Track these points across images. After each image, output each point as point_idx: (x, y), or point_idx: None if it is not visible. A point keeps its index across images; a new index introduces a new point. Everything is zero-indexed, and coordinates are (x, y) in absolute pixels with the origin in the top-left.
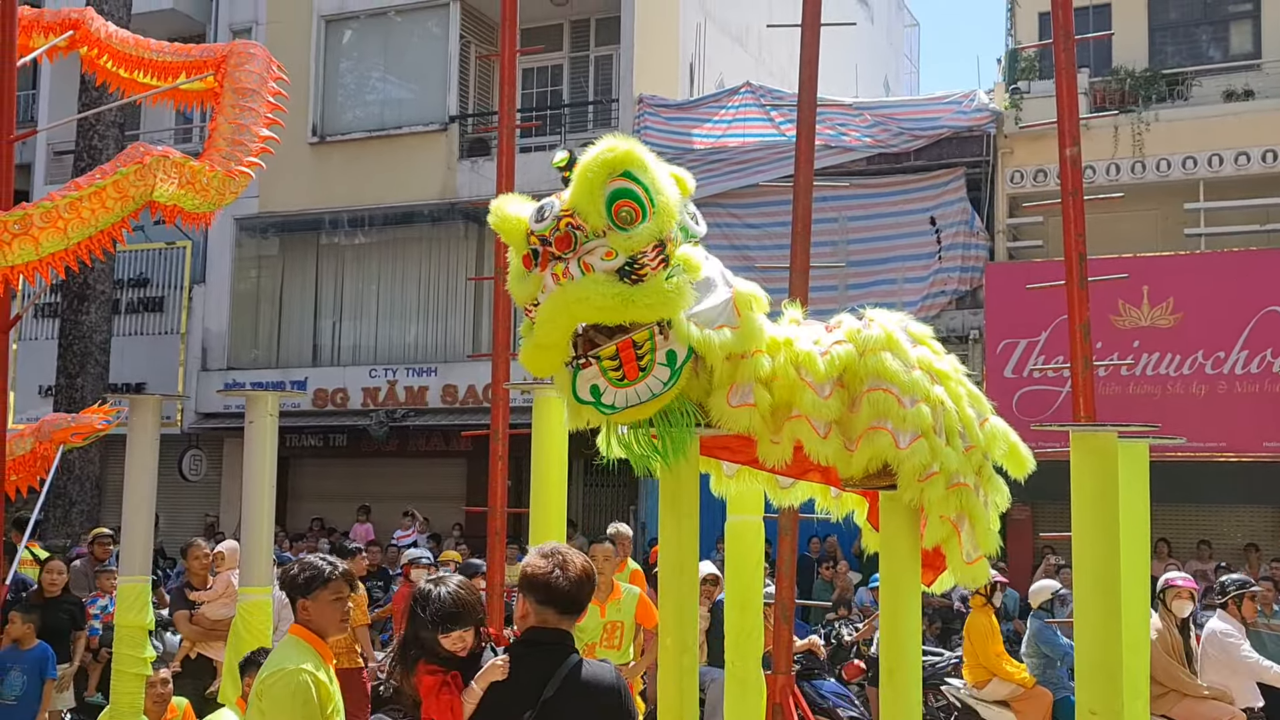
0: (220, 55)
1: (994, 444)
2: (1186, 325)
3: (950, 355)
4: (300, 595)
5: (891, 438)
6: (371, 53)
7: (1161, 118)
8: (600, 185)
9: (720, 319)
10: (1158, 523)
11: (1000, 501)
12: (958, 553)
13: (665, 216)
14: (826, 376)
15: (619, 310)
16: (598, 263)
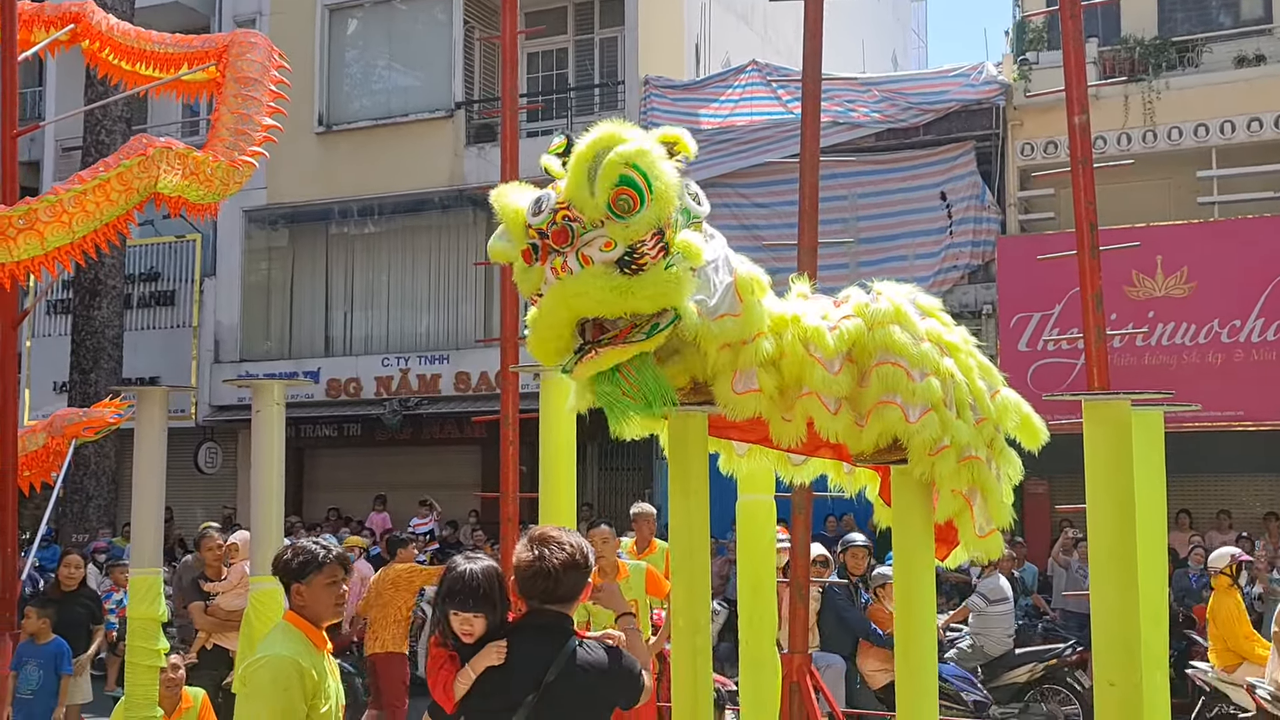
0: (221, 45)
1: (1005, 416)
2: (1201, 294)
3: (960, 327)
4: (294, 580)
5: (901, 412)
6: (376, 41)
7: (1172, 85)
8: (589, 178)
9: (723, 307)
10: (1177, 493)
11: (1012, 474)
12: (970, 526)
13: (663, 203)
14: (836, 352)
15: (618, 303)
16: (596, 254)
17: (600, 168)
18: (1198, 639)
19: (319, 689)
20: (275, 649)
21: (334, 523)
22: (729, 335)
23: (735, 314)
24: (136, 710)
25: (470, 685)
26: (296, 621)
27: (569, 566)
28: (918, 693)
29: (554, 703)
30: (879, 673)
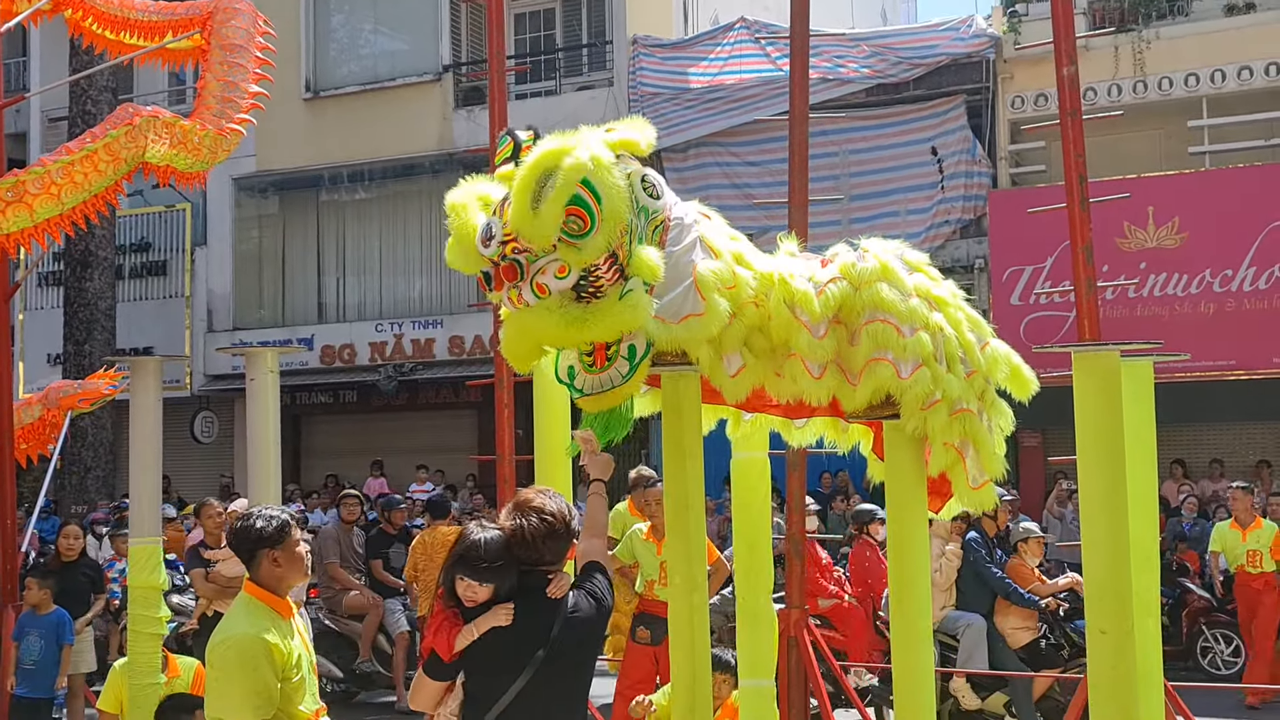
0: (206, 12)
1: (995, 368)
2: (1193, 244)
3: (948, 281)
4: (270, 546)
5: (893, 368)
6: (362, 5)
7: (1162, 35)
8: (526, 201)
9: (685, 308)
10: (1170, 443)
11: (1004, 425)
12: (963, 478)
13: (614, 222)
14: (822, 316)
15: (575, 335)
16: (551, 281)
17: (547, 191)
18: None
19: (288, 661)
20: (239, 627)
21: (332, 489)
22: (695, 336)
23: (699, 313)
24: (139, 677)
25: (471, 643)
26: (258, 593)
27: (548, 536)
28: (913, 641)
29: (557, 656)
30: (1020, 630)
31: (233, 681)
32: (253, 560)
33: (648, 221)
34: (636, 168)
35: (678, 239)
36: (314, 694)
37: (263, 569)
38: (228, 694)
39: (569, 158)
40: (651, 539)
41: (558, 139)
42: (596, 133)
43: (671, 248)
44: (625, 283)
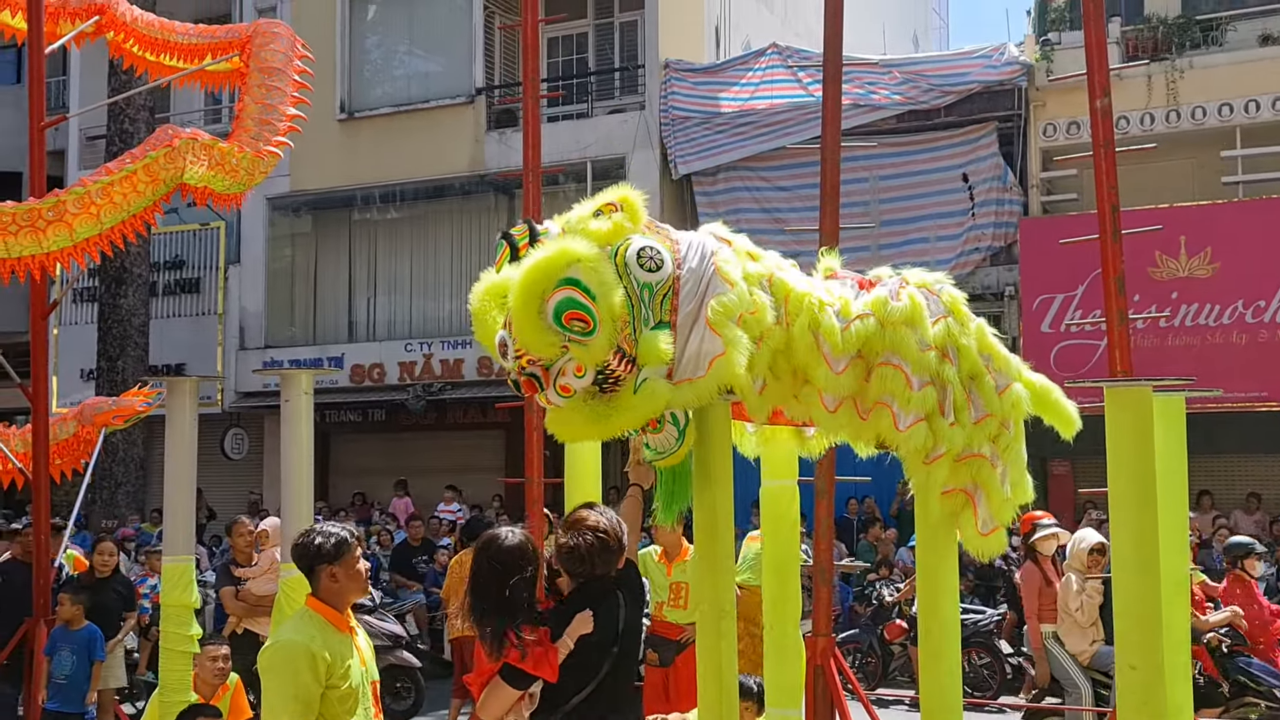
0: (245, 35)
1: (1014, 411)
2: (1225, 274)
3: (979, 321)
4: (328, 563)
5: (893, 418)
6: (396, 27)
7: (1196, 64)
8: (537, 317)
9: (704, 354)
10: (1204, 475)
11: (1018, 475)
12: (972, 524)
13: (611, 322)
14: (844, 351)
15: (603, 430)
16: (572, 381)
17: (546, 308)
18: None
19: (334, 670)
20: (287, 634)
21: (359, 508)
22: (724, 377)
23: (719, 353)
24: (171, 694)
25: None
26: (318, 607)
27: (601, 550)
28: (940, 674)
29: (627, 649)
30: None
31: (274, 684)
32: (312, 575)
33: (652, 297)
34: (632, 243)
35: (692, 293)
36: (367, 709)
37: (322, 584)
38: (270, 696)
39: (550, 264)
40: (663, 560)
41: (545, 247)
42: (585, 219)
43: (686, 306)
44: (639, 372)
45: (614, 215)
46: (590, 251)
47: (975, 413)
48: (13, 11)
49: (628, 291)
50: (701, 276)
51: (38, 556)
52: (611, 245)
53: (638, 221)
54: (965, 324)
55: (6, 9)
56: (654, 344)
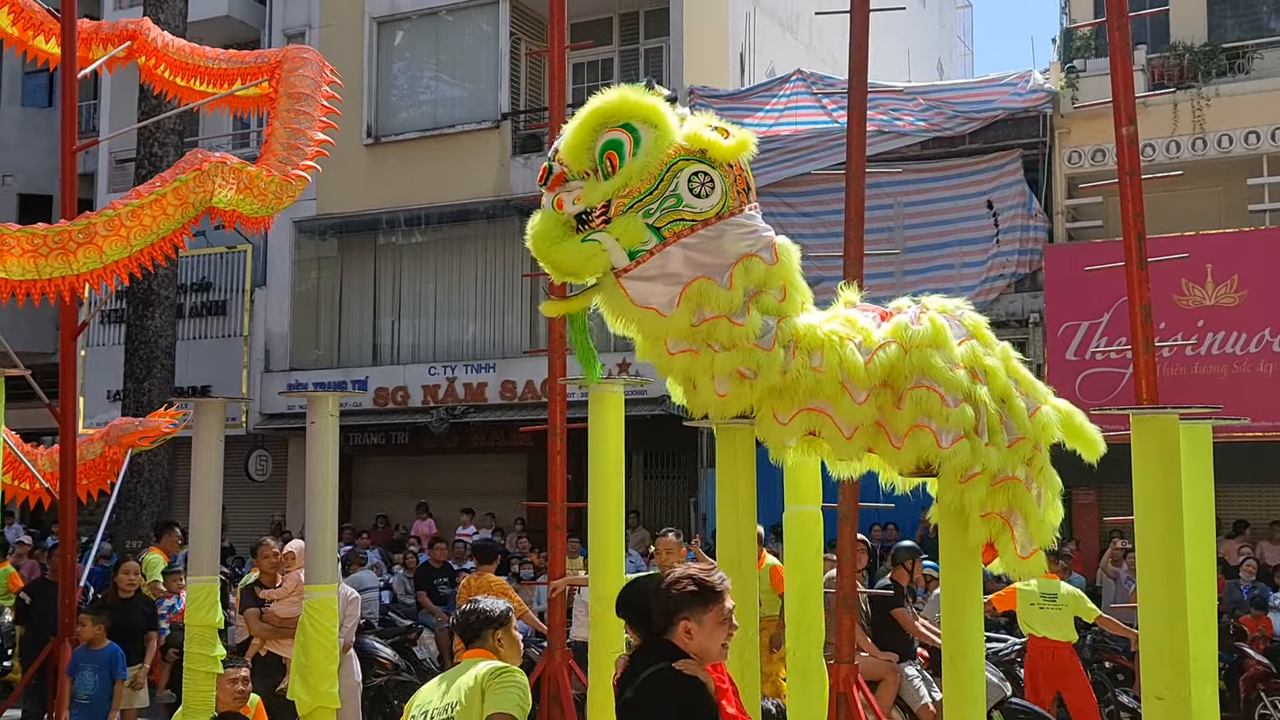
0: (274, 61)
1: (1045, 434)
2: (1252, 303)
3: (1003, 344)
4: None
5: (934, 437)
6: (423, 52)
7: (1222, 92)
8: (590, 132)
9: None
10: (1228, 504)
11: (1052, 496)
12: (1010, 547)
13: (626, 177)
14: (866, 383)
15: (541, 249)
16: (568, 204)
17: (600, 135)
18: (1249, 652)
19: None
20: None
21: (381, 530)
22: (645, 328)
23: (662, 314)
24: (194, 715)
25: None
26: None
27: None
28: (965, 701)
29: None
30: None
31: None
32: (478, 636)
33: (673, 209)
34: (699, 165)
35: (702, 245)
36: None
37: (488, 644)
38: None
39: (628, 102)
40: None
41: (642, 94)
42: (705, 122)
43: (685, 248)
44: (601, 232)
45: (721, 137)
46: (667, 124)
47: (1008, 435)
48: (46, 37)
49: (660, 180)
50: (723, 249)
51: (63, 576)
52: (691, 148)
53: (723, 157)
54: (990, 346)
55: (41, 35)
56: (631, 226)
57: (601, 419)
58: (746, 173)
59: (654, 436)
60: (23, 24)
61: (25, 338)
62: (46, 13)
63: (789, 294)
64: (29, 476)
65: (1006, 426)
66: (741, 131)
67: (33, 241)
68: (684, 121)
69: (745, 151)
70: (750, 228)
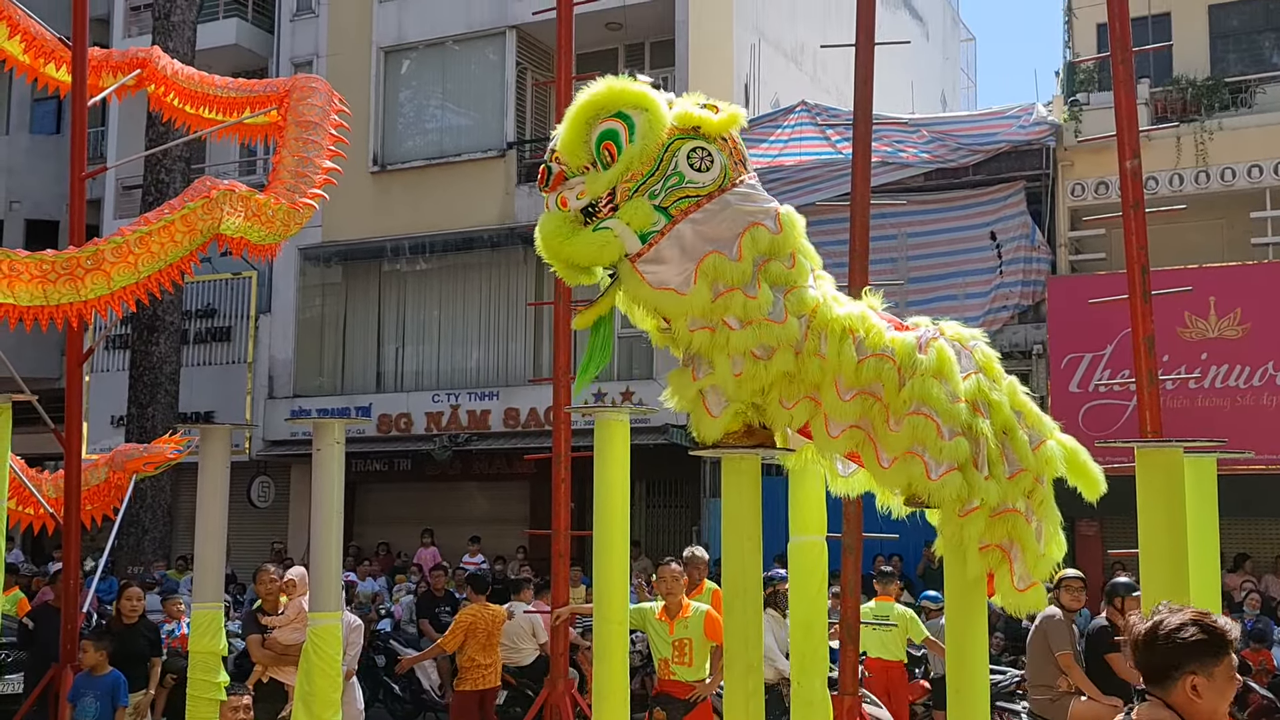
0: (283, 90)
1: (1048, 467)
2: (1255, 336)
3: (1010, 378)
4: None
5: (925, 467)
6: (430, 82)
7: (1225, 126)
8: (584, 126)
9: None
10: (1232, 537)
11: (1052, 529)
12: (1008, 580)
13: (627, 163)
14: (853, 384)
15: (554, 248)
16: (572, 200)
17: (595, 127)
18: (1252, 685)
19: None
20: None
21: (383, 558)
22: (665, 307)
23: (681, 293)
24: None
25: None
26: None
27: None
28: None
29: None
30: None
31: None
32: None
33: (676, 186)
34: (697, 142)
35: (709, 218)
36: None
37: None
38: None
39: (614, 91)
40: (664, 618)
41: (627, 83)
42: (694, 101)
43: (696, 224)
44: (610, 220)
45: (710, 113)
46: (658, 107)
47: (1009, 468)
48: (57, 65)
49: (660, 162)
50: (730, 220)
51: (66, 602)
52: (684, 127)
53: (716, 131)
54: (998, 380)
55: (52, 62)
56: (639, 208)
57: (607, 447)
58: (740, 145)
59: (657, 466)
60: (34, 52)
61: (31, 363)
62: (58, 41)
63: (797, 261)
64: (33, 501)
65: (1008, 459)
66: (729, 106)
67: (41, 268)
68: (672, 105)
69: (736, 124)
70: (751, 196)
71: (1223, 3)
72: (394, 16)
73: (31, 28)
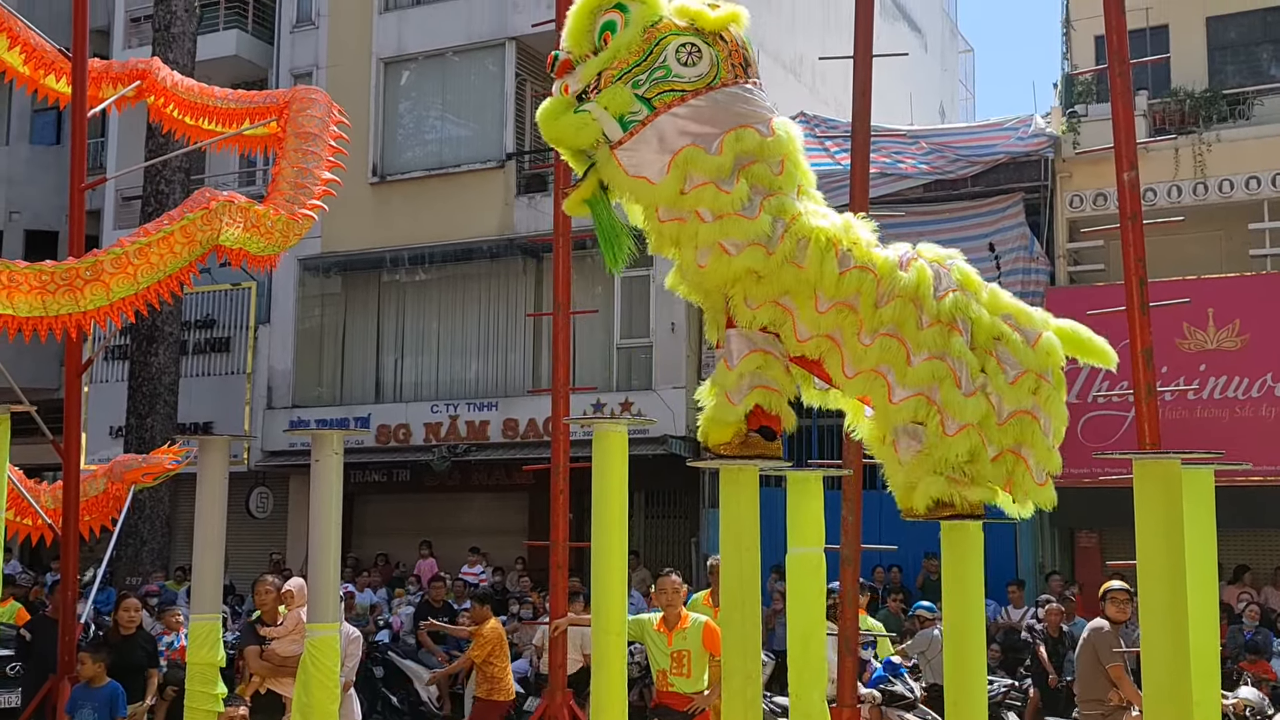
0: (283, 101)
1: (1050, 358)
2: (1254, 347)
3: (991, 285)
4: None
5: (888, 389)
6: (429, 93)
7: (1223, 138)
8: (588, 16)
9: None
10: (1235, 549)
11: (1059, 426)
12: (1029, 478)
13: (614, 51)
14: (834, 295)
15: (545, 127)
16: (572, 86)
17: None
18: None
19: None
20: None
21: (382, 568)
22: (639, 195)
23: (652, 181)
24: None
25: None
26: None
27: None
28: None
29: None
30: None
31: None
32: None
33: (661, 80)
34: (687, 37)
35: (696, 116)
36: None
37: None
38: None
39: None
40: (662, 629)
41: None
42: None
43: (678, 118)
44: (590, 103)
45: (710, 9)
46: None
47: (1010, 372)
48: (57, 76)
49: (650, 53)
50: (714, 117)
51: (64, 614)
52: (681, 22)
53: (711, 27)
54: (977, 291)
55: (52, 74)
56: (618, 94)
57: (606, 458)
58: (745, 49)
59: (656, 476)
60: (34, 63)
61: (30, 374)
62: (58, 52)
63: (786, 169)
64: (31, 513)
65: (1007, 364)
66: (730, 4)
67: (40, 278)
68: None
69: (734, 22)
70: (745, 99)
71: (1221, 15)
72: (394, 28)
73: (32, 39)
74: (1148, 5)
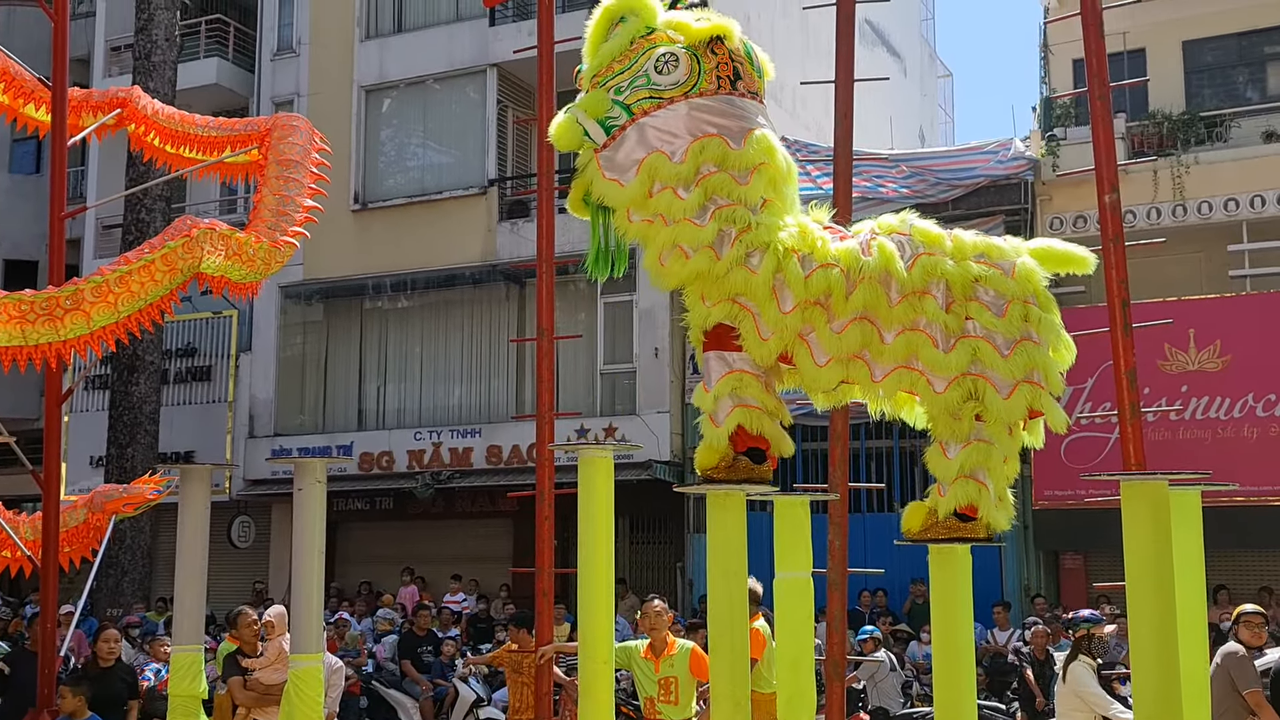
0: (264, 129)
1: (1030, 282)
2: (1235, 368)
3: (953, 230)
4: None
5: (869, 370)
6: (411, 120)
7: (1201, 160)
8: (604, 31)
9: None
10: (1216, 569)
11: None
12: (1049, 400)
13: (601, 60)
14: (800, 297)
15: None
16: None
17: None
18: None
19: None
20: None
21: (366, 596)
22: (608, 196)
23: (621, 184)
24: None
25: None
26: None
27: None
28: None
29: None
30: None
31: None
32: None
33: (643, 86)
34: (670, 48)
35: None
36: None
37: None
38: None
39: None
40: (649, 656)
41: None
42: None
43: (651, 124)
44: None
45: (693, 19)
46: (645, 10)
47: (997, 310)
48: (37, 105)
49: (635, 63)
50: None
51: (43, 646)
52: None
53: (692, 38)
54: (939, 243)
55: (32, 103)
56: (596, 98)
57: (591, 484)
58: (736, 63)
59: (641, 502)
60: (14, 92)
61: (9, 404)
62: (37, 81)
63: (753, 181)
64: (10, 544)
65: (990, 302)
66: (719, 18)
67: (19, 308)
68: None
69: (717, 34)
70: (722, 110)
71: (1197, 39)
72: (375, 55)
73: (11, 68)
74: (1125, 29)
